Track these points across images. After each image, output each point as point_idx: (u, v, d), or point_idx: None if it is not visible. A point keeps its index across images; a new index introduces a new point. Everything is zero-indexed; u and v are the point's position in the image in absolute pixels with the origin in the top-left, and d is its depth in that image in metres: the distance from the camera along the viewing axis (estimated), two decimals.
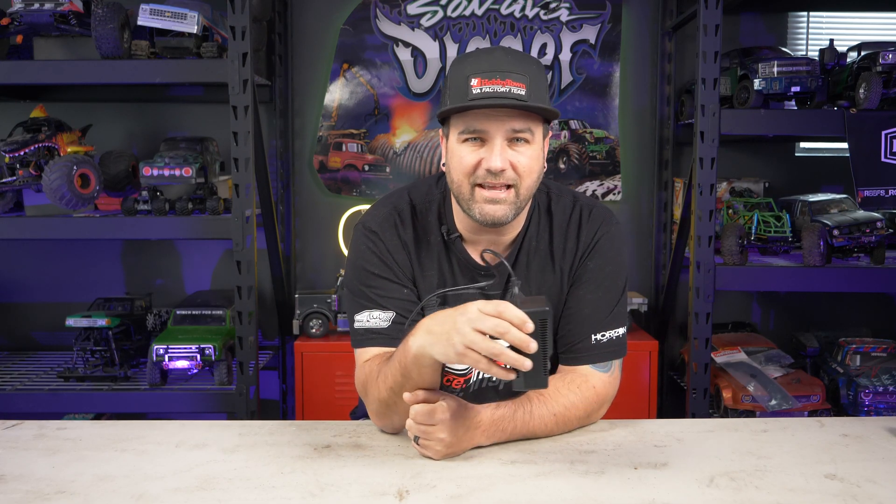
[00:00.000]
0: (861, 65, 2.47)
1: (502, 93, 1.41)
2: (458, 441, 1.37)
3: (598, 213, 1.61)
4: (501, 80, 1.41)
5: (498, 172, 1.44)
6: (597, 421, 1.57)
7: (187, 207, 2.50)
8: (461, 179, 1.48)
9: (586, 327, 1.56)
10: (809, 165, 3.21)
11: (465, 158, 1.46)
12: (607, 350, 1.57)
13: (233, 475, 1.32)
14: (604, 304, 1.57)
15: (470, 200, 1.48)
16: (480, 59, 1.46)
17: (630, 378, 2.82)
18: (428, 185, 1.65)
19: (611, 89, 3.16)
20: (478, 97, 1.41)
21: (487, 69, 1.42)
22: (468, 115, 1.44)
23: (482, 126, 1.44)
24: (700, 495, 1.25)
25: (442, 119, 1.53)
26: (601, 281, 1.57)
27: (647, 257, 3.24)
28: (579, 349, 1.56)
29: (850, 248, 2.57)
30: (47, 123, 2.55)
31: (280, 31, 3.06)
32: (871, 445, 1.47)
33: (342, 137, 3.16)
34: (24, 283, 3.17)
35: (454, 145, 1.48)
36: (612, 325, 1.57)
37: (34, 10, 2.38)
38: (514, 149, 1.45)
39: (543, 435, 1.47)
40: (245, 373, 2.48)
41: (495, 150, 1.44)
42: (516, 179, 1.46)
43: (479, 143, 1.46)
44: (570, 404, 1.49)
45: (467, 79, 1.42)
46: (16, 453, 1.43)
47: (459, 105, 1.43)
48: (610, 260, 1.58)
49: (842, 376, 2.65)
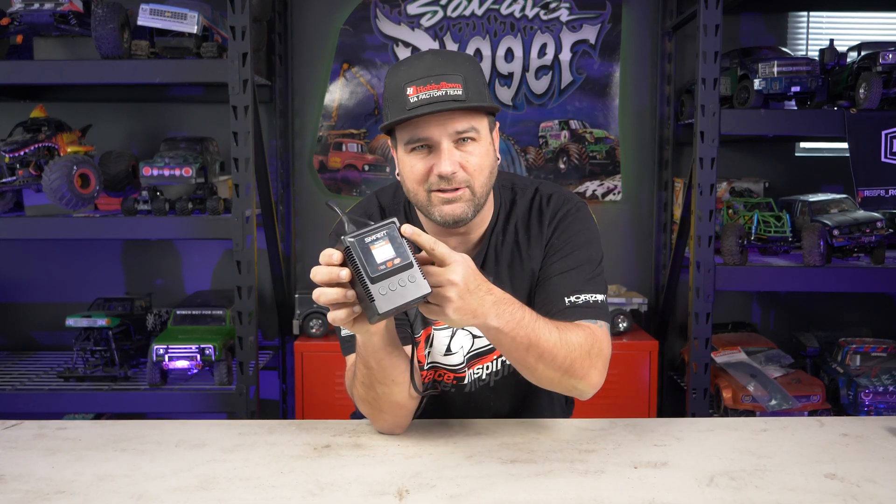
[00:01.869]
0: (861, 65, 2.47)
1: (439, 97, 1.40)
2: (470, 294, 1.26)
3: (557, 197, 1.60)
4: (436, 83, 1.40)
5: (449, 176, 1.43)
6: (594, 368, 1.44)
7: (187, 207, 2.50)
8: (416, 188, 1.47)
9: (559, 293, 1.50)
10: (809, 165, 3.21)
11: (416, 167, 1.45)
12: (585, 310, 1.49)
13: (232, 475, 1.32)
14: (575, 272, 1.52)
15: (428, 206, 1.47)
16: (412, 66, 1.44)
17: (630, 378, 2.82)
18: (395, 187, 1.65)
19: (611, 89, 3.16)
20: (416, 105, 1.40)
21: (420, 75, 1.41)
22: (410, 125, 1.44)
23: (425, 134, 1.43)
24: (700, 495, 1.25)
25: (388, 131, 1.51)
26: (569, 251, 1.54)
27: (647, 257, 3.24)
28: (555, 313, 1.48)
29: (850, 248, 2.56)
30: (47, 123, 2.55)
31: (280, 31, 3.06)
32: (871, 445, 1.47)
33: (342, 137, 3.16)
34: (24, 283, 3.17)
35: (403, 156, 1.48)
36: (588, 290, 1.51)
37: (34, 10, 2.38)
38: (461, 149, 1.44)
39: (546, 345, 1.37)
40: (245, 373, 2.48)
41: (443, 156, 1.43)
42: (469, 179, 1.45)
43: (427, 150, 1.45)
44: (570, 333, 1.42)
45: (402, 88, 1.42)
46: (16, 453, 1.43)
47: (398, 118, 1.42)
48: (575, 232, 1.56)
49: (842, 376, 2.65)
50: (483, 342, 1.61)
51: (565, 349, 1.39)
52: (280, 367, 3.18)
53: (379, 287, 1.21)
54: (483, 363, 1.63)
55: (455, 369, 1.62)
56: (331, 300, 1.24)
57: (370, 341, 1.35)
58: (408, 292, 1.22)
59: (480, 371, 1.64)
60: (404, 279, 1.22)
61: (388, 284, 1.22)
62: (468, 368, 1.63)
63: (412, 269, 1.23)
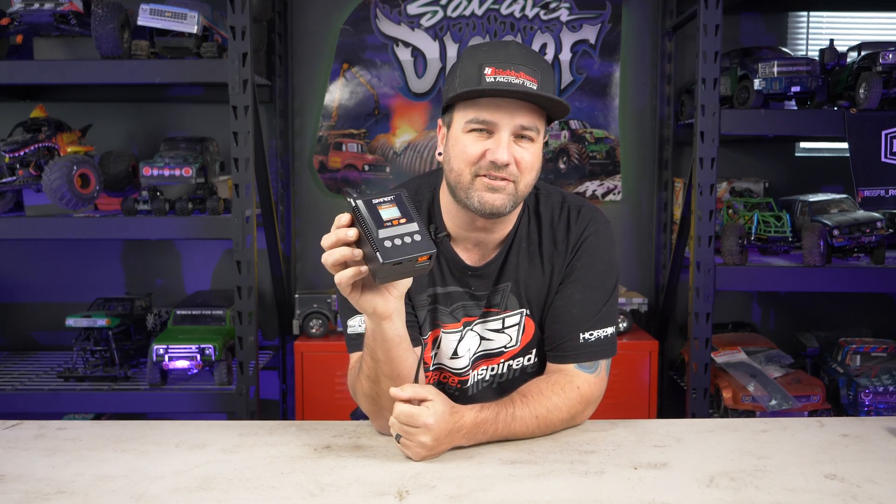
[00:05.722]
0: (861, 65, 2.47)
1: (516, 84, 1.40)
2: (438, 444, 1.37)
3: (586, 213, 1.60)
4: (515, 72, 1.40)
5: (502, 166, 1.43)
6: (582, 422, 1.56)
7: (187, 207, 2.50)
8: (462, 168, 1.46)
9: (574, 326, 1.55)
10: (809, 165, 3.21)
11: (470, 147, 1.45)
12: (594, 349, 1.55)
13: (233, 475, 1.32)
14: (592, 304, 1.56)
15: (469, 189, 1.46)
16: (495, 49, 1.45)
17: (630, 378, 2.82)
18: (417, 184, 1.64)
19: (611, 89, 3.16)
20: (491, 85, 1.40)
21: (502, 60, 1.41)
22: (478, 105, 1.43)
23: (491, 117, 1.43)
24: (700, 495, 1.25)
25: (445, 108, 1.51)
26: (589, 280, 1.56)
27: (647, 257, 3.24)
28: (566, 348, 1.55)
29: (850, 248, 2.56)
30: (47, 123, 2.55)
31: (280, 31, 3.06)
32: (871, 445, 1.47)
33: (342, 137, 3.16)
34: (24, 283, 3.17)
35: (458, 134, 1.47)
36: (601, 325, 1.56)
37: (34, 10, 2.38)
38: (518, 144, 1.45)
39: (525, 437, 1.47)
40: (245, 373, 2.48)
41: (502, 144, 1.43)
42: (517, 175, 1.45)
43: (486, 135, 1.45)
44: (553, 406, 1.48)
45: (480, 67, 1.41)
46: (16, 453, 1.43)
47: (471, 89, 1.41)
48: (598, 259, 1.58)
49: (842, 376, 2.65)
50: (491, 345, 1.61)
51: (545, 429, 1.49)
52: (280, 367, 3.18)
53: (384, 240, 1.22)
54: (489, 364, 1.63)
55: (459, 372, 1.62)
56: (337, 259, 1.25)
57: (380, 327, 1.35)
58: (413, 247, 1.23)
59: (485, 372, 1.63)
60: (409, 237, 1.23)
61: (394, 239, 1.22)
62: (473, 370, 1.62)
63: (417, 230, 1.24)
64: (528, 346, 1.62)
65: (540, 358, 1.63)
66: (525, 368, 1.64)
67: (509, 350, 1.61)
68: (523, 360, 1.63)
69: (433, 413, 1.35)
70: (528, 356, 1.63)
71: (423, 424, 1.34)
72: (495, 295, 1.59)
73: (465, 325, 1.59)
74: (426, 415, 1.34)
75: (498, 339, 1.61)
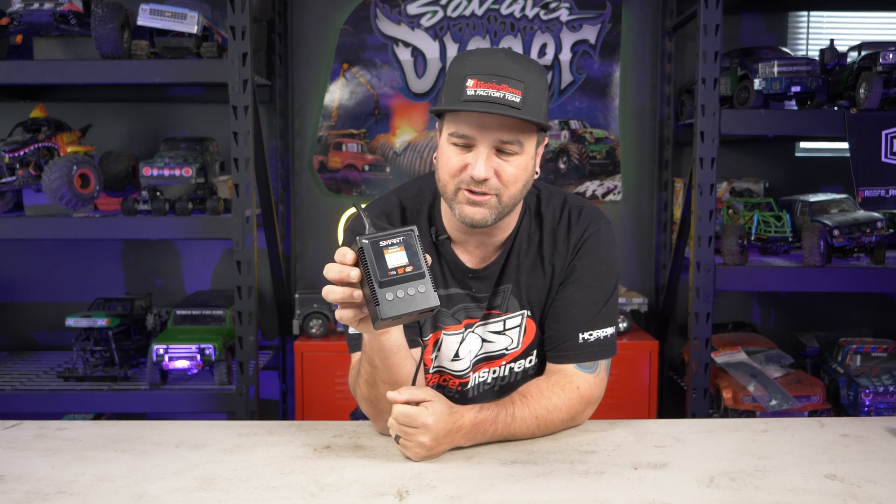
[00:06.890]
0: (861, 65, 2.47)
1: (496, 98, 1.37)
2: (437, 444, 1.37)
3: (587, 213, 1.59)
4: (497, 84, 1.38)
5: (481, 181, 1.42)
6: (582, 423, 1.56)
7: (187, 207, 2.50)
8: (446, 179, 1.46)
9: (573, 326, 1.55)
10: (809, 165, 3.21)
11: (452, 160, 1.44)
12: (594, 349, 1.55)
13: (233, 475, 1.32)
14: (592, 304, 1.56)
15: (453, 201, 1.46)
16: (481, 59, 1.43)
17: (630, 378, 2.82)
18: (418, 186, 1.63)
19: (611, 89, 3.16)
20: (470, 99, 1.38)
21: (486, 71, 1.39)
22: (458, 118, 1.42)
23: (470, 132, 1.41)
24: (700, 495, 1.25)
25: (437, 114, 1.51)
26: (589, 280, 1.56)
27: (647, 257, 3.24)
28: (566, 348, 1.55)
29: (850, 248, 2.57)
30: (47, 123, 2.55)
31: (280, 31, 3.06)
32: (872, 445, 1.47)
33: (342, 137, 3.16)
34: (24, 283, 3.17)
35: (444, 144, 1.47)
36: (601, 325, 1.56)
37: (34, 10, 2.38)
38: (500, 157, 1.43)
39: (524, 437, 1.47)
40: (245, 373, 2.48)
41: (480, 159, 1.41)
42: (500, 188, 1.43)
43: (467, 148, 1.43)
44: (552, 407, 1.48)
45: (464, 78, 1.40)
46: (16, 453, 1.43)
47: (449, 107, 1.41)
48: (599, 259, 1.57)
49: (842, 376, 2.65)
50: (493, 347, 1.61)
51: (545, 429, 1.49)
52: (280, 367, 3.18)
53: (386, 292, 1.21)
54: (490, 367, 1.63)
55: (460, 375, 1.62)
56: (337, 299, 1.25)
57: (376, 340, 1.36)
58: (415, 302, 1.21)
59: (486, 375, 1.63)
60: (413, 288, 1.22)
61: (396, 291, 1.21)
62: (473, 372, 1.62)
63: (423, 280, 1.22)
64: (530, 348, 1.62)
65: (540, 359, 1.63)
66: (527, 371, 1.64)
67: (511, 352, 1.61)
68: (525, 362, 1.63)
69: (432, 413, 1.35)
70: (529, 358, 1.63)
71: (422, 424, 1.34)
72: (496, 297, 1.58)
73: (467, 326, 1.59)
74: (425, 415, 1.34)
75: (499, 341, 1.61)
